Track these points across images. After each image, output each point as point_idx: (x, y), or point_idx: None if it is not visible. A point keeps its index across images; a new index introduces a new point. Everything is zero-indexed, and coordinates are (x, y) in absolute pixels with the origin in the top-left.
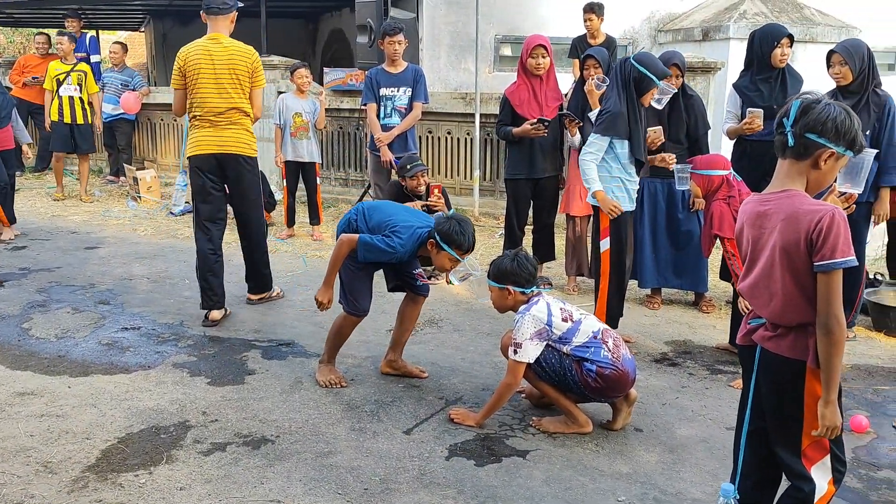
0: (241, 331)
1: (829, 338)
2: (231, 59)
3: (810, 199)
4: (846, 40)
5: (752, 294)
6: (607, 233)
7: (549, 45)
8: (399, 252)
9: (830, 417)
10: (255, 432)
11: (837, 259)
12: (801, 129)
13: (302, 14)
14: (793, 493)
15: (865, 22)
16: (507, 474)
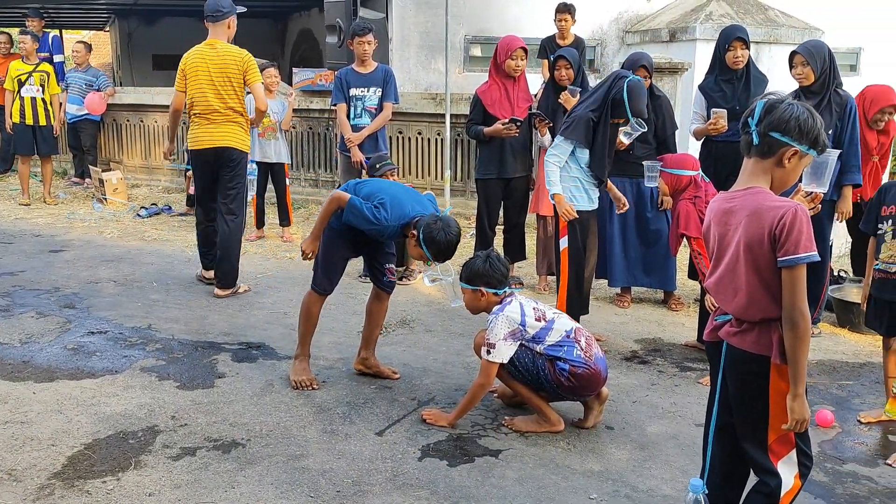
0: (211, 333)
1: (794, 331)
2: (224, 63)
3: (774, 196)
4: (808, 41)
5: (717, 290)
6: (565, 232)
7: (527, 48)
8: (382, 226)
9: (799, 411)
10: (225, 436)
11: (800, 254)
12: (765, 128)
13: (270, 14)
14: (760, 487)
15: (828, 23)
16: (481, 474)
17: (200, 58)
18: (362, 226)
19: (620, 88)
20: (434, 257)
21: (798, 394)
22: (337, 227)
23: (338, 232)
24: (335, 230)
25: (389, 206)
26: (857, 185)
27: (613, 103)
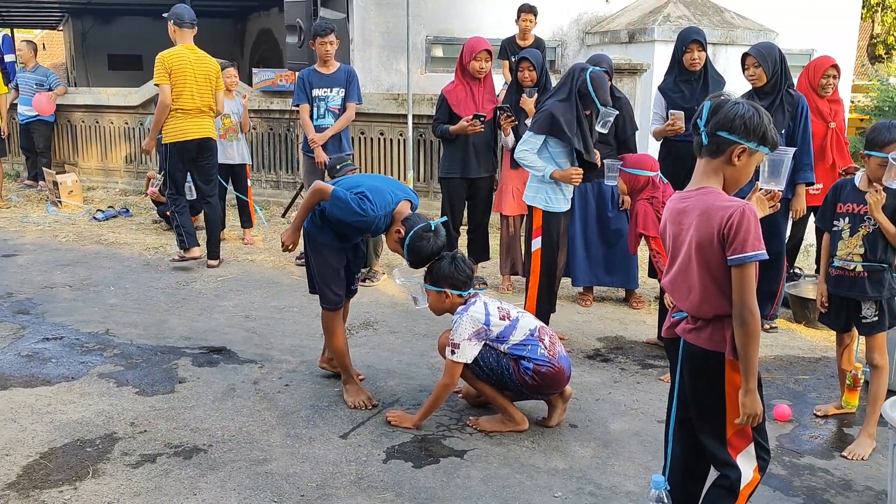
0: (171, 338)
1: (744, 329)
2: (204, 66)
3: (724, 196)
4: (760, 43)
5: (672, 288)
6: (540, 232)
7: (492, 49)
8: (370, 216)
9: (750, 405)
10: (186, 442)
11: (748, 253)
12: (712, 128)
13: (229, 14)
14: (720, 481)
15: (782, 25)
16: (446, 475)
17: (185, 59)
18: (349, 218)
19: (584, 81)
20: (411, 263)
21: (749, 389)
22: (322, 240)
23: (322, 245)
24: (320, 243)
25: (371, 196)
26: (811, 182)
27: (580, 96)
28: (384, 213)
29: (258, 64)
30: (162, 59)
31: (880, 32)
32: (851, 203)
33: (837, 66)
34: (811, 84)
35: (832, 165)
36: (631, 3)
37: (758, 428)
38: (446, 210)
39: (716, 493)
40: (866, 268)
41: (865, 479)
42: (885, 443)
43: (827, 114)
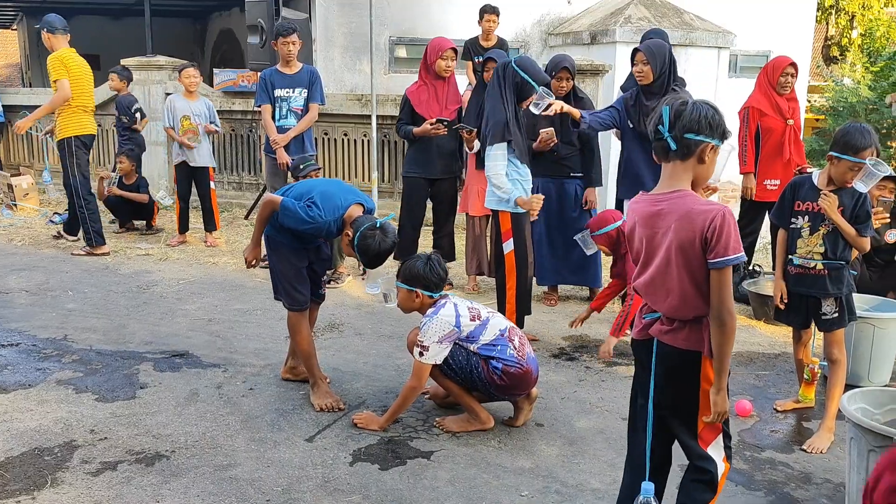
0: (132, 343)
1: (722, 329)
2: (89, 69)
3: (701, 199)
4: (651, 41)
5: (648, 290)
6: (510, 234)
7: (457, 48)
8: (318, 223)
9: (721, 404)
10: (148, 449)
11: (730, 256)
12: (679, 132)
13: (189, 13)
14: (699, 475)
15: (739, 27)
16: (413, 476)
17: (78, 60)
18: (299, 227)
19: (513, 71)
20: (366, 264)
21: (722, 387)
22: (281, 240)
23: (282, 244)
24: (279, 242)
25: (320, 202)
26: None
27: (518, 88)
28: (333, 218)
29: (219, 64)
30: (59, 58)
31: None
32: (810, 202)
33: (795, 65)
34: (770, 82)
35: (789, 161)
36: (593, 5)
37: (726, 421)
38: (404, 208)
39: (695, 488)
40: (827, 266)
41: (824, 472)
42: (843, 436)
43: (785, 111)
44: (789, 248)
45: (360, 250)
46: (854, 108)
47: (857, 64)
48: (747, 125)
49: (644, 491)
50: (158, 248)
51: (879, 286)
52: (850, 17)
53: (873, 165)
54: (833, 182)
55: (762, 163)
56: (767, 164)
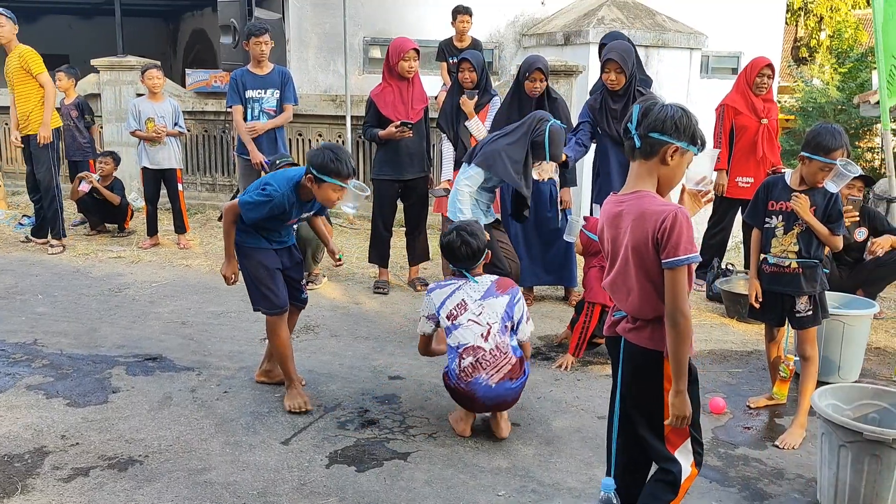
0: (103, 346)
1: (675, 330)
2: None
3: (659, 200)
4: (616, 44)
5: (613, 290)
6: None
7: (419, 48)
8: (277, 197)
9: (679, 407)
10: (121, 454)
11: (681, 256)
12: (644, 130)
13: (161, 13)
14: (661, 476)
15: (711, 29)
16: (389, 478)
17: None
18: (262, 213)
19: (542, 132)
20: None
21: (679, 390)
22: (251, 244)
23: (253, 248)
24: (250, 248)
25: (272, 180)
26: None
27: (534, 145)
28: (288, 187)
29: (192, 65)
30: (33, 51)
31: (804, 36)
32: (783, 201)
33: (772, 66)
34: (747, 82)
35: (762, 159)
36: (566, 6)
37: (693, 423)
38: (375, 210)
39: (657, 487)
40: (801, 264)
41: (797, 468)
42: (815, 432)
43: (760, 110)
44: (764, 248)
45: (324, 171)
46: (823, 109)
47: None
48: (722, 122)
49: (604, 486)
50: (130, 251)
51: (849, 284)
52: (818, 18)
53: (844, 166)
54: (805, 182)
55: (735, 160)
56: (740, 161)
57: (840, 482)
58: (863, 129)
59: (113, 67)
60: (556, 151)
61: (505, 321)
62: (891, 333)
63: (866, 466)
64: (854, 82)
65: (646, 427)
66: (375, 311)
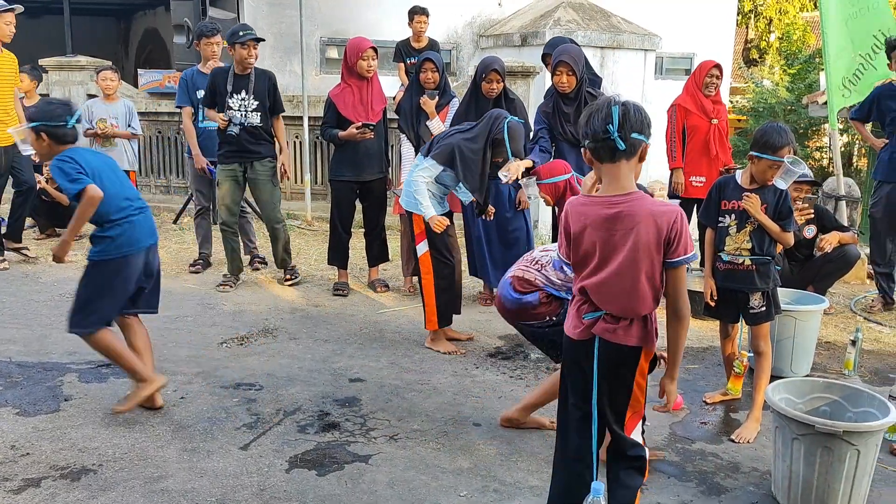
0: (55, 353)
1: (681, 322)
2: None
3: (658, 201)
4: (566, 46)
5: (600, 291)
6: (424, 236)
7: (377, 47)
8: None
9: (674, 391)
10: (73, 463)
11: (689, 254)
12: (627, 132)
13: (112, 12)
14: (630, 463)
15: (665, 30)
16: (351, 481)
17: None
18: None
19: (501, 130)
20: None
21: (675, 377)
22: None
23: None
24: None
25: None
26: None
27: (494, 142)
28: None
29: (144, 65)
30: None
31: (754, 38)
32: (735, 200)
33: (720, 68)
34: (696, 83)
35: (715, 159)
36: (523, 7)
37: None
38: (333, 211)
39: (628, 474)
40: (754, 261)
41: (752, 461)
42: (769, 425)
43: (710, 111)
44: (717, 246)
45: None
46: (773, 109)
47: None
48: (674, 122)
49: (594, 491)
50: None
51: (799, 280)
52: (768, 21)
53: (791, 163)
54: (755, 181)
55: (688, 160)
56: (693, 161)
57: (793, 474)
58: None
59: (62, 67)
60: (516, 146)
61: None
62: (840, 328)
63: (818, 458)
64: (803, 83)
65: (615, 420)
66: (335, 313)
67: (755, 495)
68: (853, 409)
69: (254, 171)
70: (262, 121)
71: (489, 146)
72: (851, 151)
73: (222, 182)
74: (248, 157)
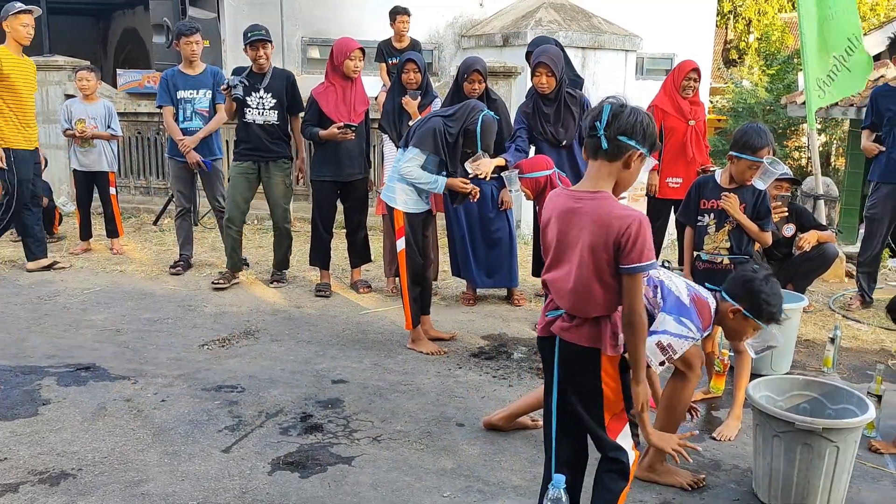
0: (33, 357)
1: (632, 331)
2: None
3: (619, 204)
4: (548, 48)
5: (555, 286)
6: (403, 232)
7: (364, 48)
8: None
9: (644, 394)
10: (52, 468)
11: (643, 263)
12: (613, 133)
13: (90, 11)
14: (612, 466)
15: (645, 31)
16: (334, 483)
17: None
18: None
19: (475, 121)
20: None
21: (641, 380)
22: None
23: None
24: None
25: None
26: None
27: (466, 132)
28: None
29: (123, 65)
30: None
31: (733, 38)
32: (714, 200)
33: (698, 70)
34: (674, 84)
35: (691, 160)
36: (505, 7)
37: (628, 407)
38: (315, 212)
39: (609, 478)
40: (733, 260)
41: (733, 458)
42: (750, 423)
43: (687, 112)
44: (697, 245)
45: None
46: (753, 109)
47: (754, 67)
48: None
49: (555, 481)
50: (61, 257)
51: (779, 279)
52: (747, 22)
53: (770, 164)
54: (734, 181)
55: (665, 161)
56: (670, 162)
57: (774, 471)
58: (790, 129)
59: (39, 67)
60: (487, 141)
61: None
62: (819, 326)
63: (798, 455)
64: (781, 83)
65: (590, 421)
66: (317, 314)
67: (736, 492)
68: (832, 407)
69: (268, 170)
70: (280, 119)
71: (461, 134)
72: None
73: (234, 178)
74: (265, 157)
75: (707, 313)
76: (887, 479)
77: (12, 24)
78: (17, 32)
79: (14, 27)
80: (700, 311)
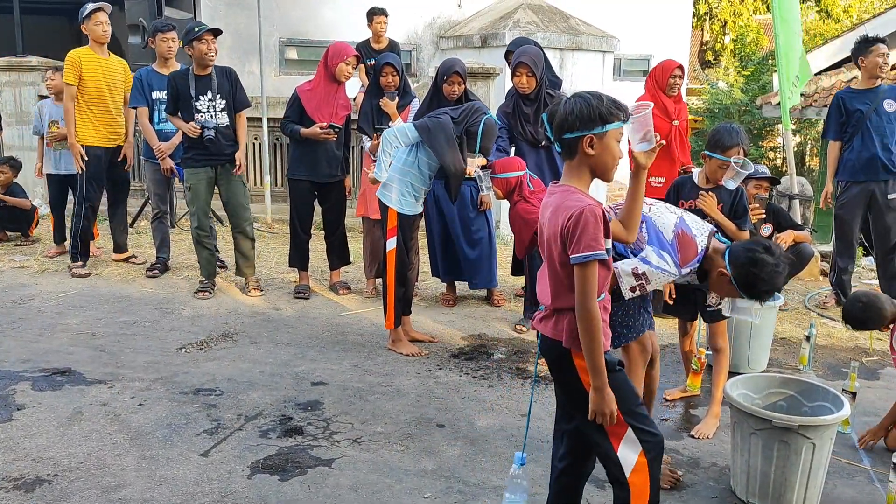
0: (6, 362)
1: (582, 326)
2: None
3: (575, 196)
4: (528, 48)
5: (539, 279)
6: (394, 232)
7: (359, 56)
8: None
9: (598, 403)
10: (27, 474)
11: (584, 253)
12: (557, 135)
13: (64, 11)
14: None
15: (623, 32)
16: (314, 485)
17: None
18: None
19: (477, 123)
20: None
21: (596, 386)
22: None
23: None
24: None
25: None
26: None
27: (467, 133)
28: None
29: None
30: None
31: (709, 40)
32: (692, 199)
33: (682, 68)
34: (658, 84)
35: (674, 160)
36: (483, 8)
37: (633, 413)
38: (293, 212)
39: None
40: None
41: (711, 456)
42: (728, 421)
43: (672, 112)
44: None
45: None
46: (728, 110)
47: (730, 68)
48: None
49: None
50: (35, 260)
51: None
52: (722, 23)
53: (739, 165)
54: (710, 180)
55: None
56: (653, 162)
57: (752, 468)
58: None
59: (12, 68)
60: (486, 144)
61: None
62: (795, 324)
63: (775, 452)
64: (756, 84)
65: (583, 421)
66: (296, 316)
67: (715, 490)
68: (808, 404)
69: (225, 171)
70: (230, 120)
71: (465, 132)
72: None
73: (195, 186)
74: (222, 160)
75: (692, 251)
76: (862, 474)
77: (88, 26)
78: (93, 33)
79: (90, 28)
80: (683, 247)
